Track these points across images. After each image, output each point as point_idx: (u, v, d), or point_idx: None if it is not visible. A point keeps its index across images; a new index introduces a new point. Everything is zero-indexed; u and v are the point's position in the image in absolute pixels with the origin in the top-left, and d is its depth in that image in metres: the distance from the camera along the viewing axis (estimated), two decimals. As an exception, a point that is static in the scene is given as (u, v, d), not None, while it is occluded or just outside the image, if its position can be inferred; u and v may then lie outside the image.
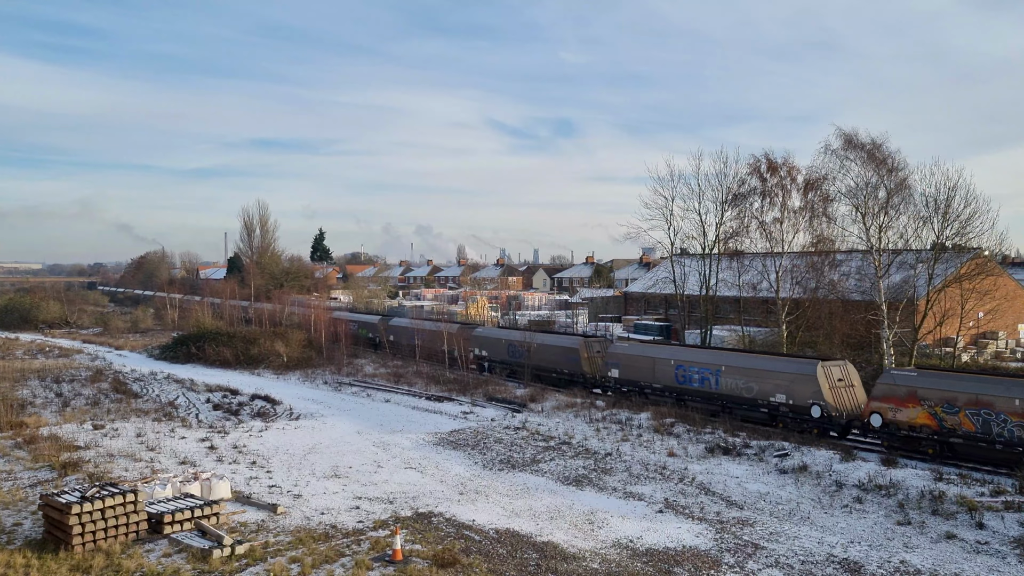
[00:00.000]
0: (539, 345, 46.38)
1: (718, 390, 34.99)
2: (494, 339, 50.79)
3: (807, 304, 45.30)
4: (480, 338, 51.93)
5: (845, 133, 42.46)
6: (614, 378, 40.10)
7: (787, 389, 32.25)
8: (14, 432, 32.47)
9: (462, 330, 54.52)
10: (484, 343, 51.37)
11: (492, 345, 50.56)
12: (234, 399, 42.15)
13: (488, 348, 50.87)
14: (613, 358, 40.45)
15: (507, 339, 49.59)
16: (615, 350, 40.97)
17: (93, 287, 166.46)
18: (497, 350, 50.01)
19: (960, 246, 41.69)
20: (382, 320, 66.14)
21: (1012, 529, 20.34)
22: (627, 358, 39.78)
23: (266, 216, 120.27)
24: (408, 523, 21.19)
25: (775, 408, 32.68)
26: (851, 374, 32.50)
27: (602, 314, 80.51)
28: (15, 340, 75.95)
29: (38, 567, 17.66)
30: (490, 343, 50.81)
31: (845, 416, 31.02)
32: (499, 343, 49.96)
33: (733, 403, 34.40)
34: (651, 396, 37.88)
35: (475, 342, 51.85)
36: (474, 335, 52.47)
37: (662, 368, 37.65)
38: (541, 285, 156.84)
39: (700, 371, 35.74)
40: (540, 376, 45.80)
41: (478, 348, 51.49)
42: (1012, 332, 57.99)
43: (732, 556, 18.94)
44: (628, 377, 39.36)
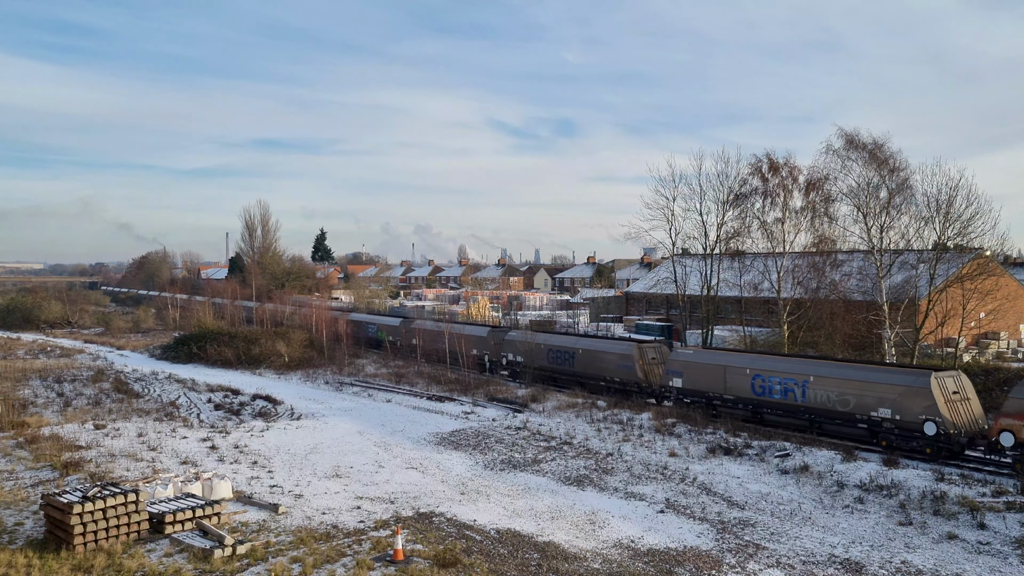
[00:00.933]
0: (585, 351, 43.39)
1: (804, 402, 31.40)
2: (531, 344, 47.24)
3: (808, 304, 45.27)
4: (514, 343, 48.83)
5: (847, 133, 42.52)
6: (676, 388, 36.71)
7: (894, 403, 28.53)
8: (16, 432, 32.51)
9: (493, 334, 52.37)
10: (519, 348, 48.20)
11: (529, 350, 47.19)
12: (235, 399, 42.17)
13: (524, 353, 47.64)
14: (675, 366, 37.07)
15: (547, 344, 46.31)
16: (678, 357, 37.60)
17: (95, 287, 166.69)
18: (535, 356, 46.63)
19: (962, 246, 41.68)
20: (404, 323, 62.88)
21: (1014, 530, 20.31)
22: (692, 366, 36.32)
23: (267, 216, 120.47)
24: (409, 523, 21.19)
25: (876, 424, 29.05)
26: (966, 386, 28.93)
27: (603, 314, 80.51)
28: (17, 340, 76.02)
29: (39, 567, 17.67)
30: (526, 348, 47.45)
31: (964, 433, 27.54)
32: (537, 348, 46.62)
33: (823, 417, 30.87)
34: (721, 408, 34.70)
35: (508, 347, 49.14)
36: (507, 339, 49.72)
37: (735, 377, 34.10)
38: (542, 285, 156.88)
39: (783, 381, 32.15)
40: (584, 384, 42.66)
41: (511, 353, 48.71)
42: (1014, 332, 57.94)
43: (733, 556, 18.93)
44: (693, 387, 35.94)
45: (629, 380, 40.39)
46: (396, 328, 63.18)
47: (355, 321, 68.47)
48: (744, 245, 49.31)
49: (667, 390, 37.56)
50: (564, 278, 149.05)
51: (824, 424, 30.97)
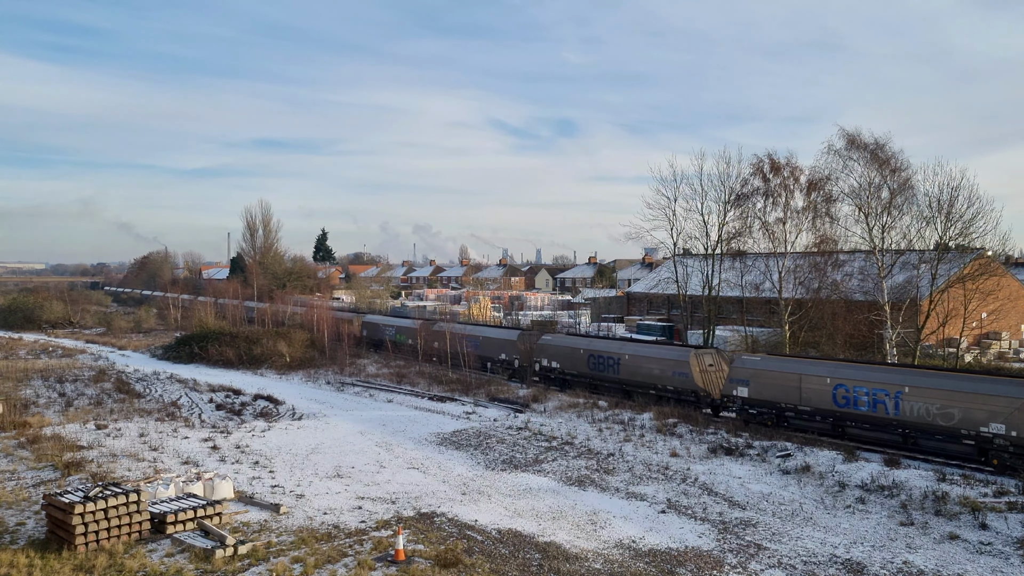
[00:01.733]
0: (633, 357, 39.91)
1: (898, 416, 28.49)
2: (569, 348, 44.20)
3: (810, 304, 45.26)
4: (550, 347, 45.70)
5: (848, 133, 42.53)
6: (741, 397, 33.64)
7: (1009, 417, 25.58)
8: (18, 432, 32.53)
9: (525, 338, 49.36)
10: (555, 353, 45.12)
11: (566, 355, 44.14)
12: (237, 399, 42.20)
13: (560, 359, 44.56)
14: (741, 374, 34.02)
15: (588, 349, 42.98)
16: (744, 364, 34.40)
17: (96, 287, 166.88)
18: (573, 361, 43.48)
19: (963, 246, 41.68)
20: (424, 325, 59.20)
21: (1015, 530, 20.29)
22: (761, 374, 33.20)
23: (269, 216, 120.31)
24: (410, 523, 21.20)
25: (986, 441, 26.21)
26: None
27: (605, 314, 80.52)
28: (19, 340, 76.07)
29: (41, 567, 17.69)
30: (563, 353, 44.35)
31: None
32: (575, 353, 43.46)
33: (919, 432, 28.00)
34: (794, 420, 31.85)
35: (542, 352, 45.99)
36: (542, 344, 46.53)
37: (813, 387, 31.18)
38: (544, 285, 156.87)
39: (872, 392, 29.27)
40: (630, 393, 39.40)
41: (546, 359, 45.59)
42: (1015, 332, 57.89)
43: (735, 556, 18.92)
44: (762, 397, 32.86)
45: (685, 389, 36.93)
46: (415, 331, 59.56)
47: (371, 323, 65.75)
48: (745, 245, 49.34)
49: (730, 400, 34.32)
50: (565, 278, 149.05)
51: (921, 440, 28.07)
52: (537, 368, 46.25)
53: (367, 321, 66.72)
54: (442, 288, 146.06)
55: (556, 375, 44.75)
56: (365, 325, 66.06)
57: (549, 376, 45.27)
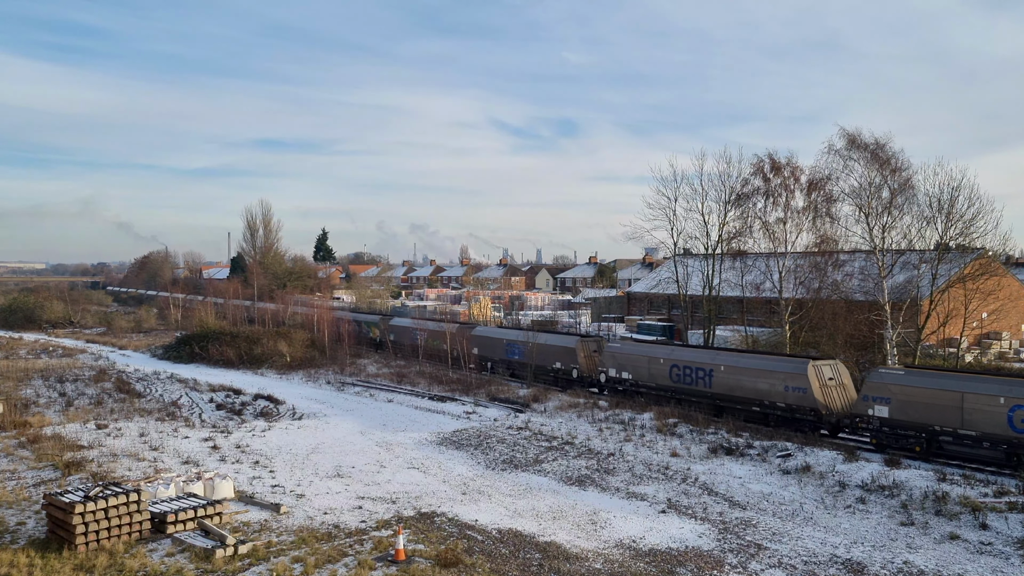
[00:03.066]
0: (730, 369, 35.42)
1: None
2: (644, 358, 39.66)
3: (810, 304, 45.23)
4: (620, 356, 41.13)
5: (848, 133, 42.46)
6: (879, 418, 29.40)
7: None
8: (18, 431, 32.55)
9: (585, 344, 45.02)
10: (626, 362, 40.49)
11: (641, 365, 39.64)
12: (237, 399, 42.21)
13: (634, 369, 39.95)
14: (879, 390, 29.53)
15: (671, 359, 38.47)
16: (885, 380, 29.65)
17: (97, 287, 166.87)
18: (651, 373, 39.00)
19: (964, 246, 41.65)
20: (460, 329, 55.15)
21: (1016, 530, 20.29)
22: (907, 391, 28.69)
23: (269, 216, 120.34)
24: (411, 523, 21.20)
25: None
26: None
27: (605, 314, 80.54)
28: (19, 340, 76.10)
29: (42, 566, 17.69)
30: (637, 363, 39.87)
31: None
32: (654, 364, 38.92)
33: None
34: (952, 447, 27.45)
35: (611, 361, 41.45)
36: (611, 352, 41.89)
37: (980, 408, 26.62)
38: (544, 285, 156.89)
39: None
40: (725, 408, 35.47)
41: (614, 369, 40.95)
42: (1016, 332, 57.88)
43: (735, 556, 18.92)
44: (908, 418, 28.54)
45: (801, 406, 32.29)
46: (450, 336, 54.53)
47: (398, 327, 61.64)
48: (746, 245, 49.27)
49: (863, 421, 30.00)
50: (566, 278, 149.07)
51: None
52: (603, 379, 41.56)
53: (394, 325, 62.75)
54: (442, 288, 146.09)
55: (628, 387, 40.08)
56: (392, 329, 62.37)
57: (618, 389, 40.69)
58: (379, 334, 63.82)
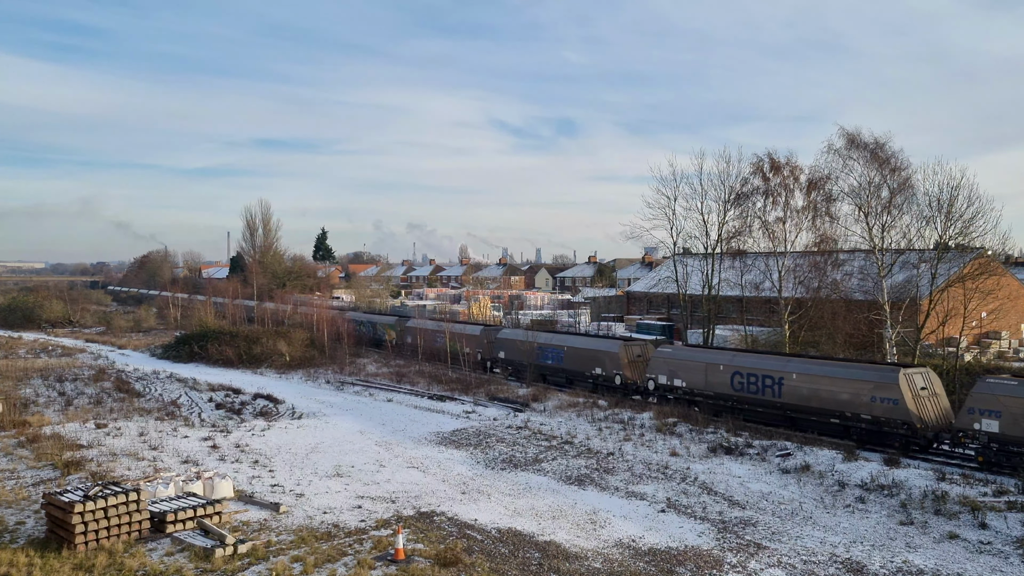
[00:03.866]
0: (804, 376, 32.25)
1: None
2: (701, 364, 36.34)
3: (810, 304, 45.25)
4: (673, 361, 37.80)
5: (848, 133, 42.48)
6: (988, 433, 26.14)
7: None
8: (17, 431, 32.53)
9: (628, 348, 41.86)
10: (680, 368, 37.14)
11: (696, 372, 36.42)
12: (237, 398, 42.19)
13: (688, 376, 36.68)
14: (988, 402, 26.23)
15: (732, 365, 34.77)
16: (995, 391, 26.41)
17: (96, 286, 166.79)
18: (708, 380, 35.67)
19: (963, 246, 41.64)
20: (486, 332, 52.97)
21: (1015, 529, 20.30)
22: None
23: (269, 215, 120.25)
24: (410, 522, 21.20)
25: None
26: None
27: (604, 313, 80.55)
28: (18, 339, 76.06)
29: (41, 566, 17.69)
30: (692, 369, 36.61)
31: None
32: (712, 370, 35.52)
33: None
34: None
35: (661, 367, 38.11)
36: (661, 357, 38.42)
37: None
38: (544, 285, 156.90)
39: None
40: (797, 421, 32.29)
41: (665, 376, 37.70)
42: (1015, 332, 57.90)
43: (734, 556, 18.92)
44: None
45: (891, 419, 29.35)
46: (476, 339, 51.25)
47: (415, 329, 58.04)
48: (745, 244, 49.29)
49: (969, 436, 26.88)
50: (565, 277, 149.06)
51: None
52: (651, 386, 38.44)
53: (412, 327, 59.57)
54: (442, 287, 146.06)
55: (680, 396, 36.92)
56: (408, 331, 59.57)
57: (668, 397, 37.47)
58: (395, 336, 60.73)
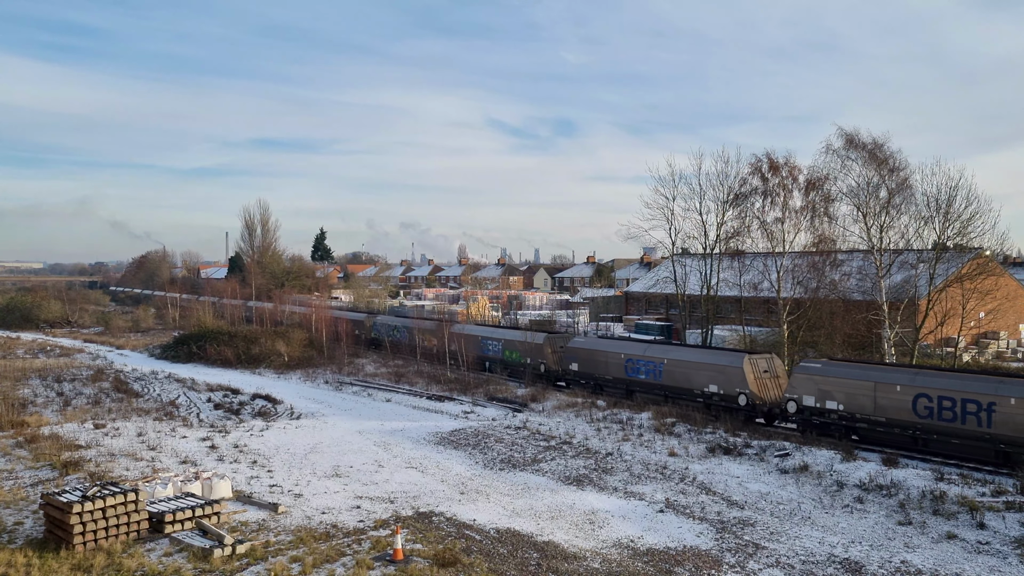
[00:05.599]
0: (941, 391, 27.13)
1: None
2: (864, 384, 29.59)
3: (808, 304, 45.26)
4: (824, 380, 30.79)
5: (846, 133, 42.52)
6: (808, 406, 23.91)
7: None
8: (15, 431, 32.50)
9: (754, 363, 34.63)
10: (834, 388, 30.43)
11: (858, 392, 29.69)
12: (235, 398, 42.16)
13: (846, 397, 30.01)
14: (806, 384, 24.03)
15: (912, 386, 28.19)
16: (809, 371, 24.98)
17: (94, 286, 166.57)
18: (880, 403, 28.91)
19: (961, 246, 41.69)
20: (551, 339, 46.94)
21: (1013, 529, 20.31)
22: None
23: (267, 215, 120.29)
24: (409, 522, 21.19)
25: None
26: None
27: (603, 314, 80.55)
28: (16, 339, 76.00)
29: (39, 566, 17.67)
30: (851, 389, 29.96)
31: None
32: (885, 391, 28.90)
33: None
34: None
35: (807, 385, 31.26)
36: (805, 374, 31.54)
37: None
38: (542, 285, 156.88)
39: None
40: (1012, 456, 25.62)
41: (814, 396, 30.88)
42: (1013, 332, 57.93)
43: (733, 556, 18.93)
44: None
45: None
46: (538, 348, 46.24)
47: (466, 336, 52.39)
48: (744, 245, 49.31)
49: None
50: (564, 277, 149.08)
51: None
52: (792, 408, 31.72)
53: (458, 332, 53.88)
54: (440, 287, 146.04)
55: (835, 421, 30.26)
56: (454, 337, 53.42)
57: (814, 422, 30.99)
58: (436, 343, 54.74)
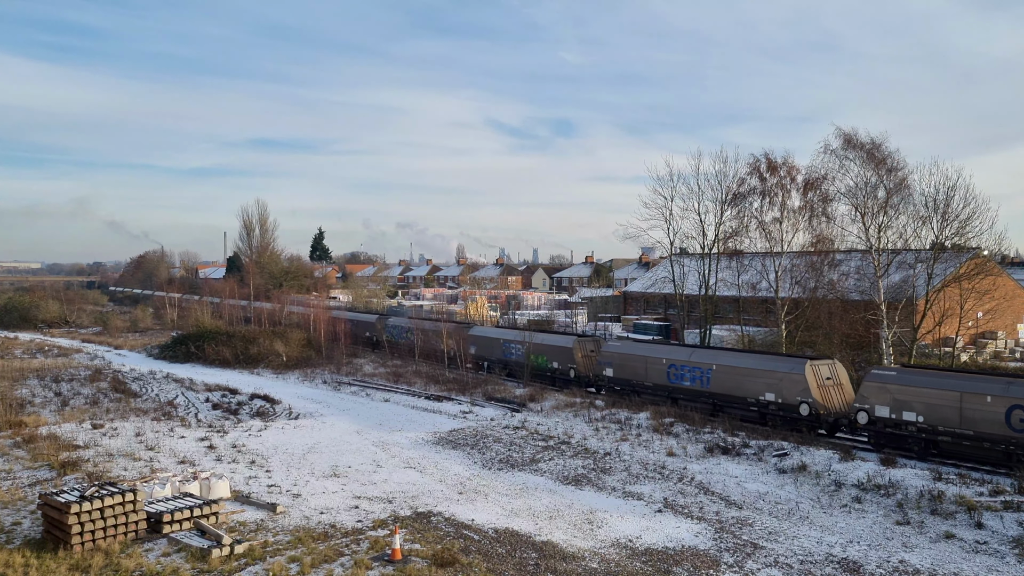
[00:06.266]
0: None
1: None
2: (950, 395, 27.06)
3: (806, 304, 45.31)
4: (901, 390, 28.43)
5: (844, 133, 42.55)
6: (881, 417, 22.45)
7: None
8: (13, 431, 32.44)
9: (816, 370, 31.98)
10: (914, 399, 28.02)
11: (942, 404, 27.09)
12: (233, 398, 42.13)
13: (927, 409, 27.42)
14: None
15: (1006, 396, 25.62)
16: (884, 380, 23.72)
17: (92, 286, 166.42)
18: (967, 415, 26.33)
19: (959, 246, 41.73)
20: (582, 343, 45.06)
21: (1011, 529, 20.34)
22: None
23: (265, 215, 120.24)
24: (407, 522, 21.18)
25: None
26: None
27: (601, 314, 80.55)
28: (14, 339, 75.90)
29: (37, 566, 17.64)
30: (934, 400, 27.42)
31: None
32: (975, 402, 26.29)
33: None
34: None
35: (881, 395, 28.80)
36: (879, 382, 29.08)
37: None
38: (540, 285, 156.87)
39: None
40: None
41: (889, 407, 28.39)
42: (1011, 332, 57.99)
43: (731, 556, 18.94)
44: None
45: None
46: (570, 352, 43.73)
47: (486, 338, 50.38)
48: (742, 245, 49.34)
49: None
50: (562, 277, 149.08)
51: None
52: (862, 420, 28.94)
53: (478, 335, 52.11)
54: (439, 287, 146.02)
55: (917, 434, 27.90)
56: (474, 340, 51.65)
57: (890, 432, 28.49)
58: (453, 347, 52.54)
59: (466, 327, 54.93)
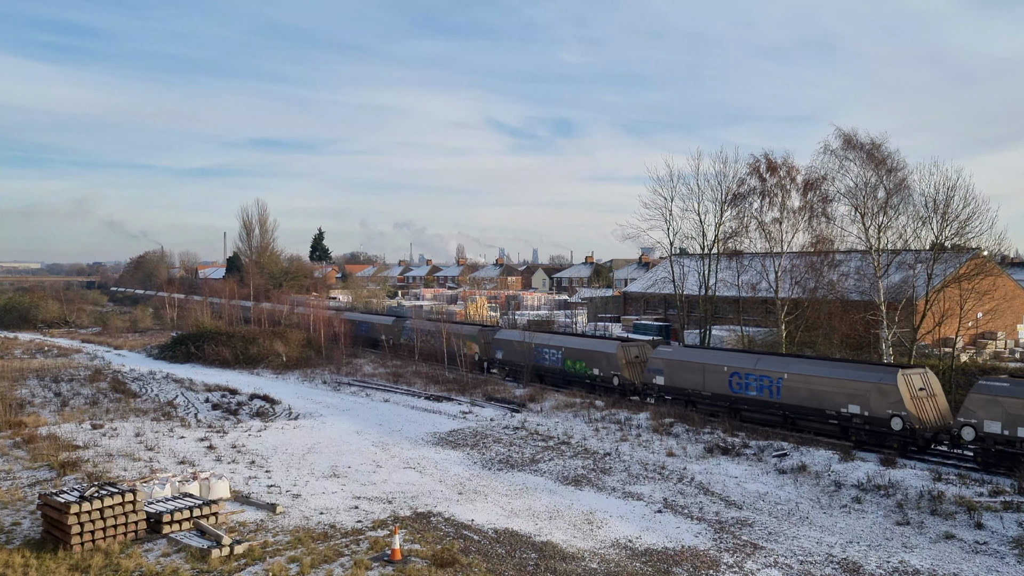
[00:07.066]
0: None
1: None
2: None
3: (806, 304, 45.31)
4: None
5: (844, 133, 42.57)
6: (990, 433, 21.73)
7: None
8: (13, 431, 32.44)
9: (908, 379, 29.14)
10: None
11: None
12: (233, 399, 42.13)
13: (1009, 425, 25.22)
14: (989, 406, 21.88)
15: None
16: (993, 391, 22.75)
17: (92, 286, 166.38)
18: None
19: (959, 246, 41.72)
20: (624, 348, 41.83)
21: (1011, 529, 20.34)
22: None
23: (265, 216, 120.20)
24: (407, 523, 21.18)
25: None
26: None
27: (601, 314, 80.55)
28: (14, 339, 75.89)
29: (36, 566, 17.64)
30: None
31: None
32: None
33: None
34: None
35: (993, 409, 25.79)
36: (990, 394, 26.01)
37: None
38: (540, 285, 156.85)
39: None
40: None
41: (1001, 422, 25.47)
42: (1011, 332, 57.97)
43: (731, 556, 18.94)
44: None
45: None
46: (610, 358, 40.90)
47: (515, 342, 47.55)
48: (742, 245, 49.32)
49: None
50: (562, 278, 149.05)
51: None
52: (969, 436, 26.35)
53: (504, 339, 49.49)
54: (438, 288, 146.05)
55: None
56: (499, 344, 49.45)
57: (996, 452, 25.81)
58: (477, 351, 50.83)
59: (492, 331, 52.81)
